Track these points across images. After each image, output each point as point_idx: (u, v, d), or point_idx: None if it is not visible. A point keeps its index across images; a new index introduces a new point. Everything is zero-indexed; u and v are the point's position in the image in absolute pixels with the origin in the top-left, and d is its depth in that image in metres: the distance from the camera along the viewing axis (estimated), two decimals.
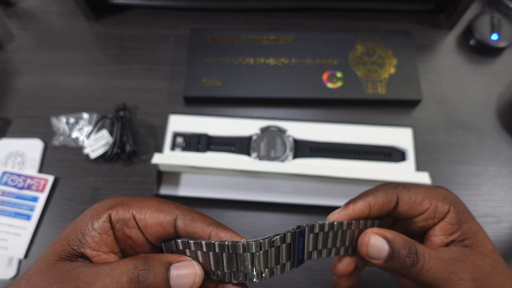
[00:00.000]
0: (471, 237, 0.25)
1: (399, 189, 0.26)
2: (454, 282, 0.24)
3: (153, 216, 0.22)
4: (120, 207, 0.22)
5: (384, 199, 0.26)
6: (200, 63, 0.50)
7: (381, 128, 0.46)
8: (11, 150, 0.47)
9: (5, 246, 0.42)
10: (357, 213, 0.25)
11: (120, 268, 0.20)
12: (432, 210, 0.26)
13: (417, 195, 0.26)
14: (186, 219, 0.22)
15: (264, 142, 0.45)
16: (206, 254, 0.21)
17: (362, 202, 0.26)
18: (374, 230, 0.25)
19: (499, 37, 0.52)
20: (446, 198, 0.26)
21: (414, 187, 0.27)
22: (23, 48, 0.54)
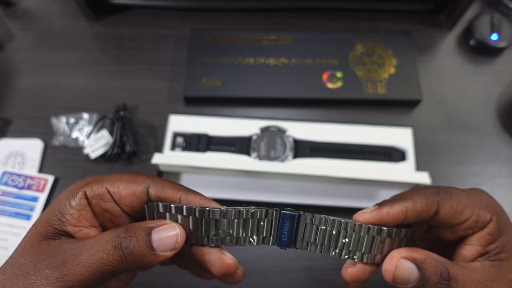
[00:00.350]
0: (508, 250, 0.23)
1: (440, 195, 0.24)
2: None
3: (126, 188, 0.23)
4: (93, 183, 0.23)
5: (424, 206, 0.23)
6: (200, 63, 0.50)
7: (381, 128, 0.46)
8: (11, 150, 0.47)
9: (5, 246, 0.42)
10: (391, 218, 0.23)
11: (104, 238, 0.21)
12: (474, 219, 0.24)
13: (459, 203, 0.24)
14: (157, 186, 0.23)
15: (264, 142, 0.45)
16: (186, 218, 0.22)
17: (400, 206, 0.23)
18: (402, 254, 0.22)
19: (499, 37, 0.52)
20: (489, 206, 0.24)
21: (456, 193, 0.24)
22: (23, 48, 0.54)
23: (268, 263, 0.41)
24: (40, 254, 0.21)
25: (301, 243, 0.24)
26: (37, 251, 0.21)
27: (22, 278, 0.20)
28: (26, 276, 0.20)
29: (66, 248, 0.21)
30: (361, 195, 0.44)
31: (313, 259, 0.42)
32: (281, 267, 0.41)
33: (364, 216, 0.23)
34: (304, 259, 0.42)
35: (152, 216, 0.24)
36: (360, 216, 0.23)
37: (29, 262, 0.21)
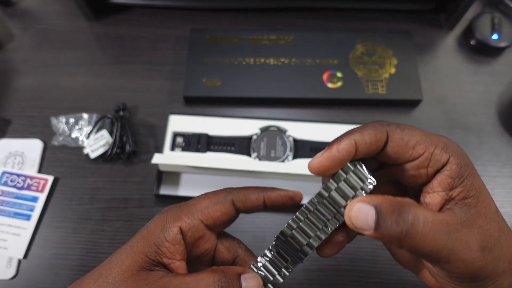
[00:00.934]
0: (474, 195, 0.21)
1: (390, 127, 0.22)
2: (459, 251, 0.19)
3: (216, 211, 0.24)
4: (185, 217, 0.24)
5: (373, 137, 0.22)
6: (200, 63, 0.50)
7: None
8: (10, 150, 0.47)
9: (5, 246, 0.42)
10: (343, 154, 0.21)
11: (207, 280, 0.22)
12: (427, 157, 0.22)
13: (412, 137, 0.22)
14: (240, 196, 0.25)
15: (264, 142, 0.45)
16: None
17: (347, 140, 0.21)
18: (359, 199, 0.21)
19: (499, 37, 0.52)
20: (447, 147, 0.22)
21: (410, 128, 0.22)
22: (23, 48, 0.54)
23: None
24: (141, 285, 0.22)
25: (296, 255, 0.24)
26: (137, 280, 0.22)
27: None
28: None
29: (167, 282, 0.22)
30: None
31: (313, 259, 0.42)
32: None
33: (317, 161, 0.22)
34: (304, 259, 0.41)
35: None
36: (313, 163, 0.22)
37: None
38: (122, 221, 0.43)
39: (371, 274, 0.41)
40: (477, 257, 0.20)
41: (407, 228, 0.19)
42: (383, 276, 0.41)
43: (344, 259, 0.41)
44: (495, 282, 0.21)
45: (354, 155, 0.22)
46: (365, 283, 0.41)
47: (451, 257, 0.20)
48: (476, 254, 0.20)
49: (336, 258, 0.42)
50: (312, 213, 0.23)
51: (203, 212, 0.24)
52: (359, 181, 0.22)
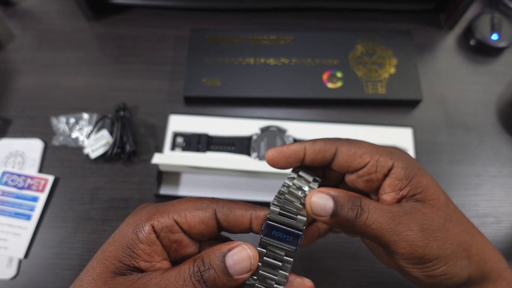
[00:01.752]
0: (422, 191, 0.24)
1: (340, 140, 0.26)
2: (401, 232, 0.23)
3: (194, 216, 0.22)
4: (159, 215, 0.22)
5: (322, 146, 0.26)
6: (200, 63, 0.50)
7: (381, 128, 0.46)
8: (11, 150, 0.47)
9: (5, 246, 0.42)
10: (290, 152, 0.26)
11: (186, 273, 0.21)
12: (373, 164, 0.25)
13: (359, 148, 0.25)
14: (224, 209, 0.23)
15: (264, 142, 0.45)
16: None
17: (299, 144, 0.26)
18: (318, 189, 0.24)
19: (499, 37, 0.52)
20: (392, 154, 0.25)
21: (357, 141, 0.26)
22: (23, 48, 0.54)
23: None
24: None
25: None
26: (112, 287, 0.20)
27: None
28: None
29: (147, 281, 0.20)
30: None
31: (313, 259, 0.42)
32: None
33: (270, 153, 0.26)
34: (304, 259, 0.42)
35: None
36: (267, 153, 0.26)
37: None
38: (122, 221, 0.43)
39: (371, 274, 0.41)
40: (418, 237, 0.23)
41: (359, 213, 0.23)
42: (383, 276, 0.41)
43: (344, 259, 0.42)
44: (446, 263, 0.23)
45: (302, 157, 0.26)
46: (365, 283, 0.41)
47: (395, 238, 0.23)
48: (417, 234, 0.23)
49: (336, 258, 0.42)
50: (283, 200, 0.24)
51: (180, 214, 0.22)
52: (309, 178, 0.26)
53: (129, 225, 0.22)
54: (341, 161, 0.26)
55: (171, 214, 0.22)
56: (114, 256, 0.21)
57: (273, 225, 0.22)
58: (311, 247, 0.42)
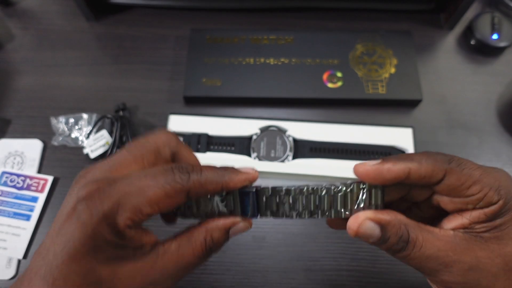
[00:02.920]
0: (495, 232, 0.22)
1: (451, 165, 0.22)
2: (440, 272, 0.21)
3: (166, 204, 0.21)
4: (119, 216, 0.20)
5: (429, 172, 0.22)
6: (200, 63, 0.50)
7: (381, 128, 0.46)
8: (10, 150, 0.47)
9: (5, 247, 0.42)
10: (391, 176, 0.22)
11: (199, 251, 0.23)
12: (479, 197, 0.22)
13: (469, 177, 0.22)
14: (196, 189, 0.22)
15: (264, 142, 0.45)
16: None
17: (403, 165, 0.22)
18: (367, 215, 0.22)
19: (499, 36, 0.52)
20: (501, 188, 0.22)
21: (469, 167, 0.22)
22: (23, 48, 0.54)
23: (268, 264, 0.41)
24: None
25: (265, 212, 0.24)
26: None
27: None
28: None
29: (166, 263, 0.22)
30: None
31: (313, 259, 0.42)
32: (281, 268, 0.41)
33: (364, 168, 0.22)
34: (304, 259, 0.42)
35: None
36: (360, 167, 0.22)
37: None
38: None
39: (371, 274, 0.41)
40: (456, 280, 0.22)
41: (404, 248, 0.22)
42: (383, 276, 0.41)
43: (344, 259, 0.41)
44: None
45: (402, 181, 0.22)
46: (365, 283, 0.40)
47: (431, 278, 0.22)
48: (456, 278, 0.21)
49: (336, 259, 0.42)
50: (308, 195, 0.23)
51: (150, 205, 0.20)
52: (370, 200, 0.22)
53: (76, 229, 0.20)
54: (446, 189, 0.22)
55: (136, 209, 0.20)
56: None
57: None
58: (311, 247, 0.42)
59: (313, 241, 0.42)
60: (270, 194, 0.24)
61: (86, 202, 0.20)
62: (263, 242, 0.42)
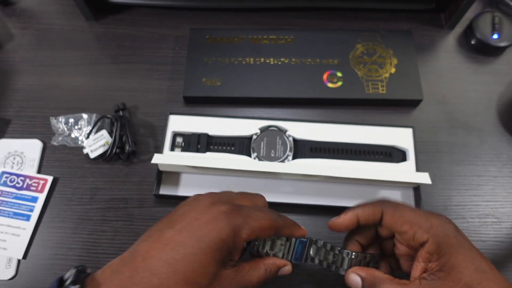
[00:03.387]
0: (446, 270, 0.27)
1: (385, 205, 0.31)
2: None
3: (266, 232, 0.30)
4: (242, 230, 0.29)
5: (371, 212, 0.31)
6: (199, 62, 0.50)
7: (381, 128, 0.46)
8: (10, 150, 0.47)
9: (4, 247, 0.42)
10: (347, 222, 0.32)
11: (262, 275, 0.31)
12: (411, 235, 0.29)
13: (400, 216, 0.30)
14: (281, 229, 0.31)
15: (264, 142, 0.45)
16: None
17: (351, 213, 0.32)
18: (353, 270, 0.32)
19: (500, 36, 0.51)
20: (431, 228, 0.28)
21: (402, 208, 0.31)
22: (22, 47, 0.54)
23: None
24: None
25: (307, 259, 0.34)
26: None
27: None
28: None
29: (243, 277, 0.30)
30: (362, 195, 0.44)
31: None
32: None
33: (331, 223, 0.33)
34: None
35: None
36: (330, 223, 0.34)
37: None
38: (122, 221, 0.43)
39: None
40: None
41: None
42: None
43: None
44: None
45: (357, 222, 0.32)
46: None
47: None
48: None
49: None
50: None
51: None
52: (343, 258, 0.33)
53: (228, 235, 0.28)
54: (386, 223, 0.31)
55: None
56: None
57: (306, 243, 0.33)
58: None
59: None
60: (319, 245, 0.33)
61: (226, 215, 0.28)
62: None
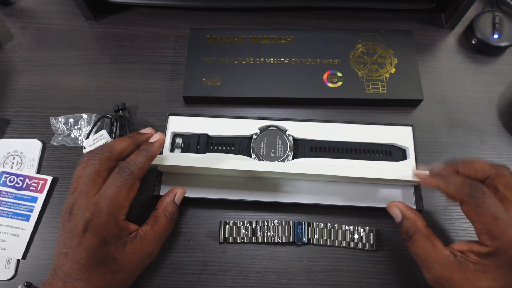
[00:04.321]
0: (479, 266, 0.30)
1: (471, 199, 0.31)
2: (423, 268, 0.33)
3: (132, 194, 0.36)
4: (111, 218, 0.34)
5: (452, 194, 0.32)
6: (199, 62, 0.50)
7: (381, 127, 0.46)
8: (9, 150, 0.47)
9: (4, 247, 0.42)
10: (429, 185, 0.36)
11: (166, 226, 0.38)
12: (476, 232, 0.31)
13: (476, 215, 0.31)
14: (141, 174, 0.36)
15: (264, 142, 0.45)
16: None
17: (436, 181, 0.34)
18: (398, 204, 0.37)
19: (500, 36, 0.51)
20: (496, 238, 0.29)
21: (486, 207, 0.30)
22: (22, 47, 0.54)
23: (268, 264, 0.41)
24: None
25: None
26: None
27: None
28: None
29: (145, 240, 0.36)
30: (362, 194, 0.43)
31: (313, 260, 0.41)
32: (281, 268, 0.41)
33: (418, 175, 0.37)
34: (304, 260, 0.41)
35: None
36: (417, 175, 0.38)
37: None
38: None
39: (371, 274, 0.41)
40: (430, 280, 0.33)
41: (406, 239, 0.35)
42: (384, 277, 0.41)
43: (344, 260, 0.41)
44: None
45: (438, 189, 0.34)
46: (365, 284, 0.40)
47: (421, 268, 0.34)
48: (429, 279, 0.33)
49: (337, 259, 0.41)
50: None
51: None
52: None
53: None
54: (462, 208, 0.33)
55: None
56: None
57: None
58: (312, 248, 0.42)
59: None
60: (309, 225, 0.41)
61: (91, 223, 0.32)
62: (263, 243, 0.42)
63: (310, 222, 0.42)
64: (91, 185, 0.34)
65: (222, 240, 0.42)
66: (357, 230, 0.42)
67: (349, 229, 0.42)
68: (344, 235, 0.42)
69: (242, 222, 0.43)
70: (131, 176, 0.34)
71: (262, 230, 0.42)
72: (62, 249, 0.33)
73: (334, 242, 0.42)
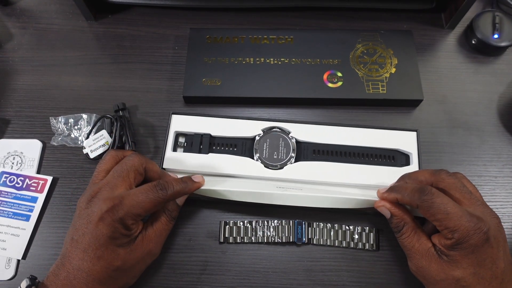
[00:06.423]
0: (451, 257, 0.33)
1: (422, 203, 0.33)
2: (408, 257, 0.37)
3: (153, 210, 0.36)
4: (126, 219, 0.34)
5: (408, 202, 0.36)
6: (199, 62, 0.50)
7: (385, 131, 0.45)
8: (9, 150, 0.47)
9: (4, 247, 0.42)
10: (390, 200, 0.38)
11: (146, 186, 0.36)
12: (439, 229, 0.33)
13: (432, 215, 0.33)
14: (170, 199, 0.37)
15: (267, 144, 0.45)
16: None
17: (394, 195, 0.37)
18: (385, 204, 0.38)
19: (500, 36, 0.51)
20: (456, 231, 0.32)
21: (438, 207, 0.32)
22: (22, 47, 0.54)
23: (268, 265, 0.41)
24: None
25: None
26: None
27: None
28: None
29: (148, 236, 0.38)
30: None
31: (313, 260, 0.41)
32: (281, 268, 0.41)
33: (379, 195, 0.39)
34: (304, 260, 0.41)
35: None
36: (379, 198, 0.39)
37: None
38: None
39: (371, 274, 0.41)
40: (412, 269, 0.37)
41: (397, 232, 0.38)
42: (384, 277, 0.41)
43: (344, 260, 0.41)
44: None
45: (398, 202, 0.37)
46: (365, 284, 0.40)
47: (407, 257, 0.37)
48: (412, 267, 0.37)
49: (337, 259, 0.41)
50: None
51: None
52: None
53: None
54: (423, 213, 0.35)
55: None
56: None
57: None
58: (312, 248, 0.42)
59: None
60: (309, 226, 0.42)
61: (109, 213, 0.33)
62: (263, 243, 0.42)
63: (310, 222, 0.42)
64: (120, 181, 0.35)
65: (222, 240, 0.42)
66: (357, 230, 0.42)
67: (349, 229, 0.42)
68: (344, 235, 0.42)
69: (242, 222, 0.43)
70: (163, 196, 0.35)
71: (262, 230, 0.42)
72: (73, 236, 0.34)
73: (334, 242, 0.42)
